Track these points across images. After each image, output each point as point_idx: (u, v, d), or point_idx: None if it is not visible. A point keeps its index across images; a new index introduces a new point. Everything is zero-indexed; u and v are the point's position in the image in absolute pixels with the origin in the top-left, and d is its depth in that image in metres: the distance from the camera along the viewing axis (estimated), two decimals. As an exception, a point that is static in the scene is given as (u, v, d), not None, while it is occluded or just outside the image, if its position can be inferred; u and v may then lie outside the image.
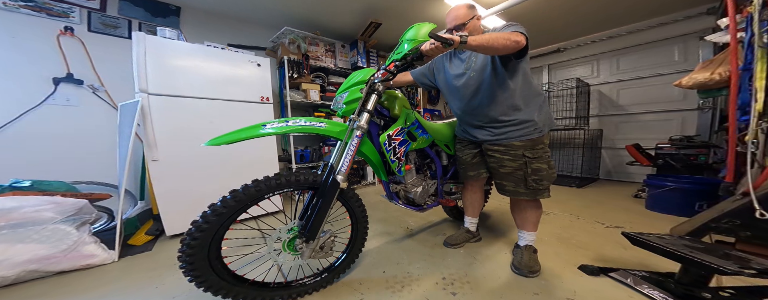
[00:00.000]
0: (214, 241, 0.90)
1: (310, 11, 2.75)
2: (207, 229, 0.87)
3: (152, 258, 1.54)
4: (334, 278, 1.22)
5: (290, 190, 1.02)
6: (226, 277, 0.95)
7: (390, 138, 1.22)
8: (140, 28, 2.33)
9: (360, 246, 1.28)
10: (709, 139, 2.77)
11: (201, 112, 1.87)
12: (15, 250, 1.23)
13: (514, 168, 1.25)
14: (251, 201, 0.93)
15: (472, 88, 1.26)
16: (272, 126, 0.98)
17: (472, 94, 1.27)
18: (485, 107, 1.26)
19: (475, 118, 1.32)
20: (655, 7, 2.87)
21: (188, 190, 1.80)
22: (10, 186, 1.49)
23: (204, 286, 0.90)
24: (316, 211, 1.04)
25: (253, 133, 0.94)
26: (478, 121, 1.32)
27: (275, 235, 1.06)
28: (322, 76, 3.15)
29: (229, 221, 0.92)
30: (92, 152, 2.13)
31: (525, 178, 1.23)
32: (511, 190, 1.28)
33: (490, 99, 1.23)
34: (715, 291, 1.02)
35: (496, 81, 1.19)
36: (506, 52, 1.03)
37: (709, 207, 1.25)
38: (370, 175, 3.49)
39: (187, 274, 0.87)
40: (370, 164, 1.28)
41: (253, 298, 1.00)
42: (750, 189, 1.05)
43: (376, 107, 1.21)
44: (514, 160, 1.24)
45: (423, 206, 1.49)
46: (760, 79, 1.18)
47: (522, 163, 1.23)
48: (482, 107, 1.26)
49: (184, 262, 0.86)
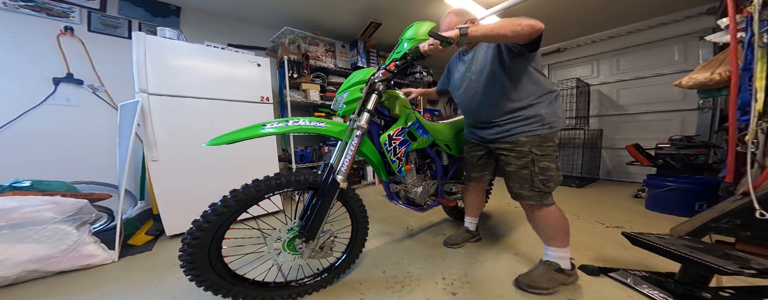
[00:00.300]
0: (214, 241, 0.90)
1: (310, 11, 2.75)
2: (208, 229, 0.87)
3: (152, 258, 1.54)
4: (334, 278, 1.22)
5: (290, 190, 1.02)
6: (226, 277, 0.95)
7: (390, 138, 1.22)
8: (140, 28, 2.33)
9: (360, 246, 1.28)
10: (709, 139, 2.77)
11: (201, 112, 1.87)
12: (15, 250, 1.23)
13: (519, 166, 1.17)
14: (251, 201, 0.93)
15: (473, 90, 1.24)
16: (272, 126, 0.98)
17: (472, 96, 1.25)
18: (486, 109, 1.22)
19: (478, 119, 1.30)
20: (655, 7, 2.87)
21: (188, 190, 1.80)
22: (10, 186, 1.49)
23: (204, 286, 0.90)
24: (315, 211, 1.04)
25: (253, 133, 0.94)
26: (481, 122, 1.29)
27: (275, 235, 1.06)
28: (322, 76, 3.15)
29: (229, 221, 0.92)
30: (92, 152, 2.13)
31: (531, 177, 1.14)
32: (516, 193, 1.21)
33: (491, 100, 1.19)
34: (715, 291, 1.02)
35: (496, 82, 1.15)
36: (518, 40, 0.93)
37: (709, 207, 1.25)
38: (370, 175, 3.49)
39: (187, 273, 0.87)
40: (370, 164, 1.28)
41: (253, 297, 1.00)
42: (750, 189, 1.05)
43: (377, 107, 1.21)
44: (520, 158, 1.16)
45: (423, 206, 1.49)
46: (760, 79, 1.18)
47: (529, 161, 1.14)
48: (483, 108, 1.24)
49: (184, 262, 0.86)
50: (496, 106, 1.19)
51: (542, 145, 1.13)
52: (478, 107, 1.25)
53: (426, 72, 4.02)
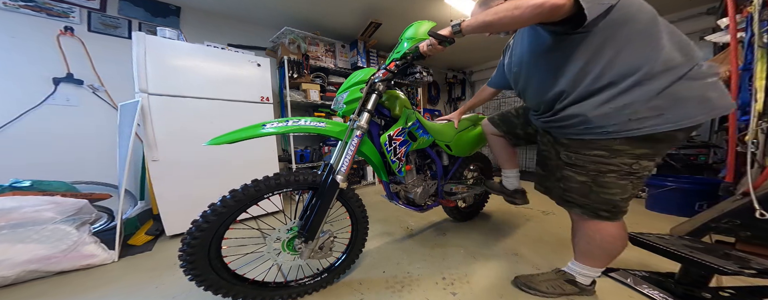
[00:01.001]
0: (214, 241, 0.91)
1: (310, 11, 2.75)
2: (207, 229, 0.87)
3: (152, 258, 1.54)
4: (334, 278, 1.22)
5: (289, 190, 1.02)
6: (225, 277, 0.95)
7: (391, 138, 1.22)
8: (140, 28, 2.33)
9: (360, 247, 1.28)
10: (709, 139, 2.76)
11: (201, 112, 1.87)
12: (15, 250, 1.23)
13: (545, 156, 1.04)
14: (251, 201, 0.94)
15: (517, 76, 1.07)
16: (272, 126, 0.98)
17: (516, 83, 1.10)
18: (531, 96, 1.04)
19: (529, 107, 1.14)
20: (655, 7, 2.85)
21: (188, 190, 1.80)
22: (10, 186, 1.49)
23: (204, 285, 0.90)
24: (315, 211, 1.04)
25: (254, 133, 0.94)
26: (532, 111, 1.12)
27: (275, 235, 1.06)
28: (322, 76, 3.15)
29: (229, 221, 0.92)
30: (92, 152, 2.13)
31: (556, 179, 1.01)
32: (545, 186, 1.08)
33: (533, 87, 1.00)
34: (715, 291, 1.02)
35: (534, 65, 0.95)
36: (524, 25, 0.78)
37: (709, 207, 1.25)
38: (370, 175, 3.49)
39: (187, 273, 0.87)
40: (370, 164, 1.28)
41: (253, 297, 1.00)
42: (750, 189, 1.05)
43: (377, 107, 1.21)
44: (548, 149, 1.02)
45: (423, 206, 1.49)
46: (760, 79, 1.18)
47: (557, 159, 0.99)
48: (529, 95, 1.05)
49: (184, 262, 0.86)
50: (537, 94, 1.01)
51: (580, 152, 0.92)
52: (523, 92, 1.10)
53: (426, 72, 4.01)
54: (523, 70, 1.01)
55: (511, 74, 1.11)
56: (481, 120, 1.74)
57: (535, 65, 0.95)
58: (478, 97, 1.53)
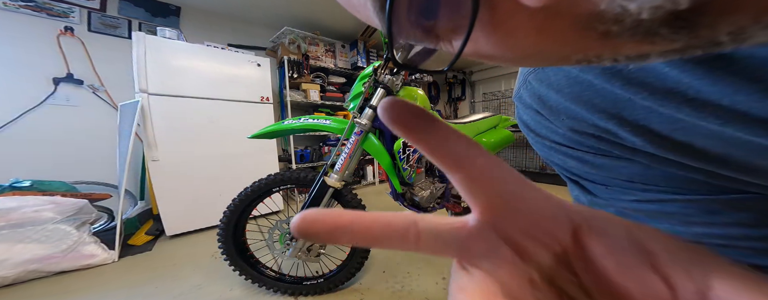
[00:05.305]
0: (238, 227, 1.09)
1: (310, 11, 2.75)
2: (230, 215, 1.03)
3: (152, 258, 1.54)
4: (332, 286, 1.14)
5: (287, 187, 1.05)
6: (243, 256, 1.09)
7: (405, 146, 1.10)
8: (140, 28, 2.33)
9: (362, 254, 1.17)
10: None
11: (201, 112, 1.87)
12: (15, 250, 1.23)
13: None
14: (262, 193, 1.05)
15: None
16: (291, 121, 1.12)
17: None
18: None
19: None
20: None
21: (188, 190, 1.80)
22: (10, 186, 1.49)
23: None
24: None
25: (279, 128, 1.12)
26: None
27: (276, 226, 1.09)
28: (322, 76, 3.15)
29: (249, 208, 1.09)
30: (92, 152, 2.13)
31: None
32: None
33: None
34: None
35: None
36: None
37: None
38: (370, 175, 3.49)
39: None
40: (386, 171, 1.17)
41: (257, 279, 1.10)
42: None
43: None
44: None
45: (427, 209, 1.47)
46: None
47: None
48: None
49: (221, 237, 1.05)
50: None
51: None
52: None
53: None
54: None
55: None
56: (504, 121, 1.63)
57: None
58: None
